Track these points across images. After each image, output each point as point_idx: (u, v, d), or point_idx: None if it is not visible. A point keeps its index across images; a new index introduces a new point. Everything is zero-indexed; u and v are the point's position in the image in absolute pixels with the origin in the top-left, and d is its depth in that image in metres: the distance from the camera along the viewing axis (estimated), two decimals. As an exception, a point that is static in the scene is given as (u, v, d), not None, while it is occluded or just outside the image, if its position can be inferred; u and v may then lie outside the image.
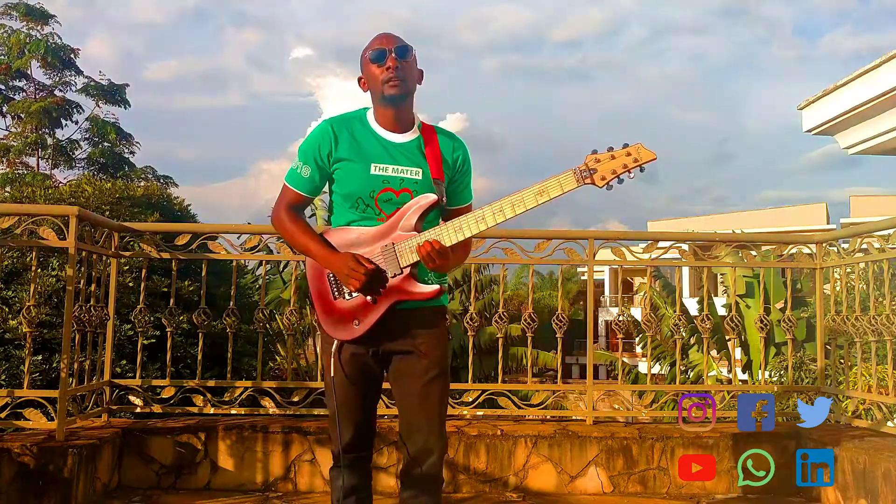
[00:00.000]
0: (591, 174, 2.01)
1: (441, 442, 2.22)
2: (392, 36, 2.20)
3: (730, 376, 9.09)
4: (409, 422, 2.24)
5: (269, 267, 4.26)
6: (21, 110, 16.84)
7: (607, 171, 2.00)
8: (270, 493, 3.52)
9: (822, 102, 5.56)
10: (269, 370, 7.16)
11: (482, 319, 12.67)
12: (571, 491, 3.60)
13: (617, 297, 36.61)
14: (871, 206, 24.80)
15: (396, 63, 2.14)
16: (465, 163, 2.27)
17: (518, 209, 2.05)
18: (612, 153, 2.00)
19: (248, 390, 3.77)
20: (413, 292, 2.13)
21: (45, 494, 3.02)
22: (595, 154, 2.02)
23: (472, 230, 2.08)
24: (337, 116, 2.25)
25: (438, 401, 2.22)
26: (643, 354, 20.14)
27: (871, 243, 3.65)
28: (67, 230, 3.28)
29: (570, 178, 2.02)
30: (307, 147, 2.21)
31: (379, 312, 2.14)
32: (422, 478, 2.21)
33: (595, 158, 2.01)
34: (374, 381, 2.28)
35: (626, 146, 2.00)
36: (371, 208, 2.16)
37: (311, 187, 2.23)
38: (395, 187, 2.15)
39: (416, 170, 2.17)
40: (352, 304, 2.16)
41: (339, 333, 2.19)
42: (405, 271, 2.12)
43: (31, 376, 3.39)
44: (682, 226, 32.49)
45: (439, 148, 2.22)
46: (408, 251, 2.10)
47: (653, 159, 2.00)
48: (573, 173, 2.02)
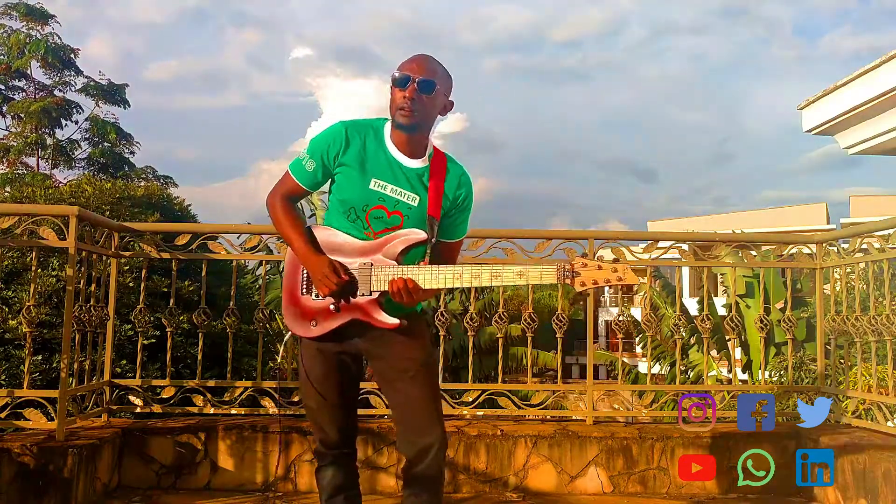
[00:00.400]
0: (573, 276, 2.04)
1: (435, 437, 2.19)
2: (424, 64, 2.16)
3: (730, 376, 9.09)
4: (399, 423, 2.25)
5: (269, 267, 4.26)
6: (21, 110, 16.84)
7: (588, 279, 2.03)
8: (270, 493, 3.52)
9: (822, 102, 5.56)
10: (269, 370, 7.14)
11: (482, 319, 12.65)
12: (571, 491, 3.60)
13: (617, 297, 36.59)
14: (871, 206, 24.79)
15: (415, 95, 2.12)
16: (466, 199, 2.27)
17: (495, 282, 2.09)
18: (600, 264, 2.04)
19: (248, 390, 3.77)
20: (374, 318, 2.15)
21: (45, 494, 3.02)
22: (584, 258, 2.06)
23: (447, 283, 2.10)
24: (355, 121, 2.24)
25: (424, 397, 2.21)
26: (643, 354, 20.14)
27: (871, 243, 3.65)
28: (67, 230, 3.28)
29: (553, 274, 2.05)
30: (317, 143, 2.21)
31: (336, 322, 2.17)
32: (420, 476, 2.22)
33: (583, 263, 2.04)
34: (348, 377, 2.28)
35: (616, 261, 2.04)
36: (360, 221, 2.17)
37: (312, 182, 2.24)
38: (389, 207, 2.16)
39: (414, 196, 2.17)
40: (315, 305, 2.19)
41: (294, 327, 2.23)
42: (374, 295, 2.13)
43: (31, 376, 3.39)
44: (682, 226, 32.48)
45: (444, 182, 2.21)
46: (382, 278, 2.12)
47: (634, 285, 2.09)
48: (556, 270, 2.05)
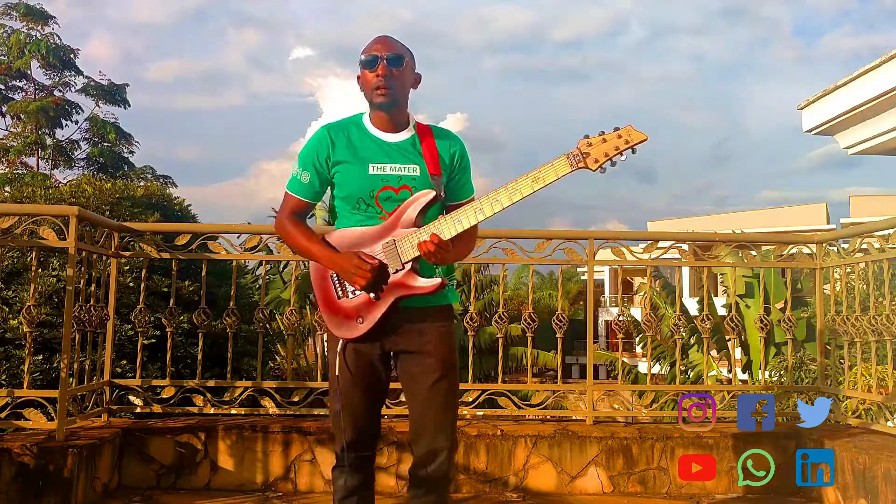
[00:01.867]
0: (584, 158, 2.03)
1: (448, 442, 2.22)
2: (387, 41, 2.21)
3: (730, 376, 9.08)
4: (416, 422, 2.25)
5: (269, 267, 4.26)
6: (21, 110, 16.84)
7: (600, 154, 2.02)
8: (270, 493, 3.52)
9: (822, 102, 5.55)
10: (269, 370, 7.16)
11: (482, 319, 12.68)
12: (571, 491, 3.60)
13: (617, 297, 36.60)
14: (871, 206, 24.79)
15: (387, 71, 2.16)
16: (462, 158, 2.29)
17: (514, 197, 2.07)
18: (604, 136, 2.03)
19: (248, 390, 3.77)
20: (415, 287, 2.14)
21: (45, 494, 3.02)
22: (587, 138, 2.04)
23: (470, 221, 2.10)
24: (334, 122, 2.28)
25: (444, 401, 2.22)
26: (643, 354, 20.14)
27: (871, 243, 3.65)
28: (67, 230, 3.28)
29: (564, 162, 2.04)
30: (306, 154, 2.24)
31: (382, 309, 2.16)
32: (428, 478, 2.23)
33: (587, 143, 2.03)
34: (379, 381, 2.28)
35: (616, 129, 2.03)
36: (372, 208, 2.19)
37: (312, 193, 2.26)
38: (394, 185, 2.17)
39: (413, 166, 2.19)
40: (355, 303, 2.18)
41: (343, 332, 2.21)
42: (406, 266, 2.14)
43: (32, 376, 3.39)
44: (682, 226, 32.47)
45: (435, 145, 2.24)
46: (409, 246, 2.12)
47: (643, 140, 2.02)
48: (566, 158, 2.04)
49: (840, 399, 3.84)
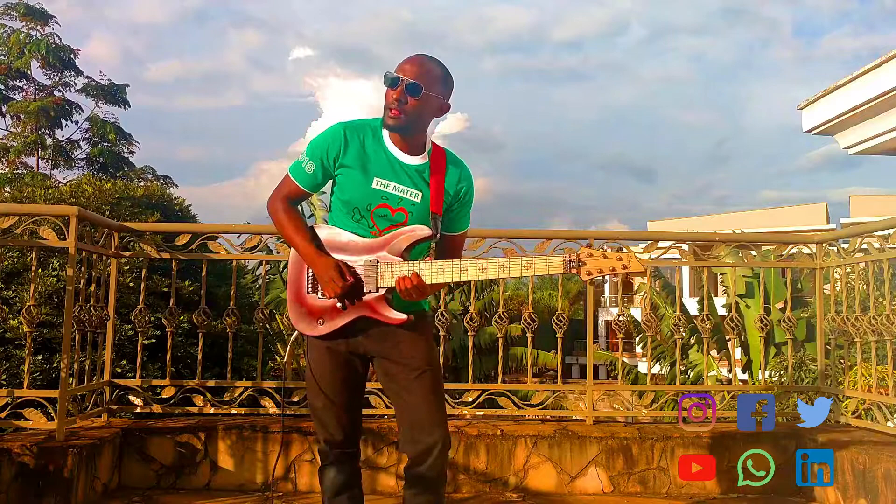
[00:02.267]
0: (580, 266, 2.07)
1: (441, 437, 2.20)
2: (418, 64, 2.14)
3: (730, 376, 9.08)
4: (404, 422, 2.25)
5: (269, 267, 4.25)
6: (21, 110, 16.86)
7: (594, 268, 2.06)
8: (270, 493, 3.51)
9: (822, 102, 5.55)
10: (269, 370, 7.16)
11: (482, 319, 12.66)
12: (571, 491, 3.60)
13: (617, 297, 36.60)
14: (871, 206, 24.82)
15: (401, 96, 2.10)
16: (467, 194, 2.28)
17: (502, 273, 2.12)
18: (605, 253, 2.07)
19: (248, 390, 3.77)
20: (382, 314, 2.17)
21: (45, 494, 3.02)
22: (589, 248, 2.09)
23: (454, 277, 2.12)
24: (352, 122, 2.24)
25: (428, 397, 2.22)
26: (643, 354, 20.13)
27: (871, 243, 3.65)
28: (67, 230, 3.28)
29: (559, 264, 2.08)
30: (316, 145, 2.22)
31: (344, 320, 2.19)
32: (422, 477, 2.23)
33: (588, 252, 2.07)
34: (355, 377, 2.29)
35: (620, 250, 2.11)
36: (365, 220, 2.19)
37: (312, 184, 2.25)
38: (393, 205, 2.18)
39: (416, 192, 2.19)
40: (321, 304, 2.20)
41: (301, 326, 2.25)
42: (380, 292, 2.16)
43: (32, 376, 3.39)
44: (682, 226, 32.50)
45: (444, 178, 2.22)
46: (388, 275, 2.14)
47: (640, 273, 2.10)
48: (563, 260, 2.08)
49: (840, 399, 3.84)
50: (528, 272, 2.10)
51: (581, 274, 2.06)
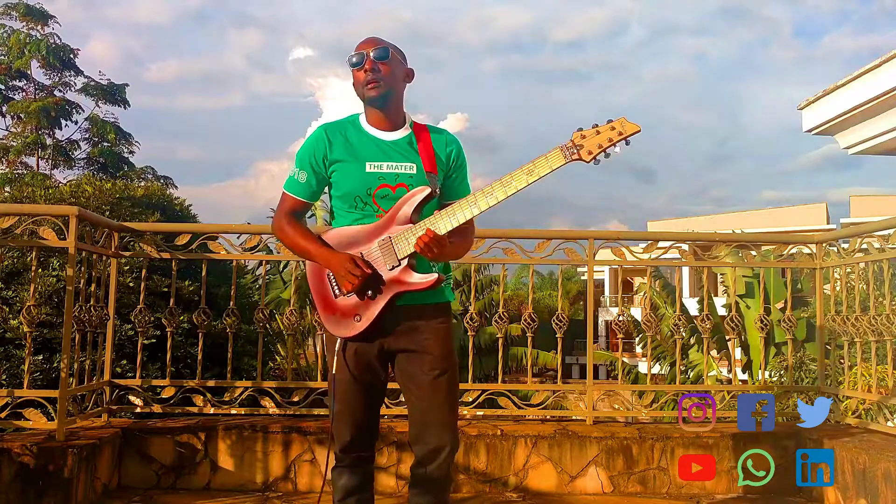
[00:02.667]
0: (578, 150, 2.05)
1: (451, 440, 2.22)
2: (372, 39, 2.24)
3: (730, 376, 9.08)
4: (418, 420, 2.25)
5: (269, 267, 4.25)
6: (21, 110, 16.85)
7: (593, 145, 2.04)
8: (270, 493, 3.52)
9: (822, 102, 5.55)
10: (269, 370, 7.15)
11: (482, 319, 12.66)
12: (571, 491, 3.60)
13: (617, 297, 36.60)
14: (871, 206, 24.82)
15: (373, 65, 2.18)
16: (458, 157, 2.30)
17: (509, 190, 2.08)
18: (598, 129, 2.05)
19: (248, 390, 3.77)
20: (411, 283, 2.15)
21: (45, 494, 3.02)
22: (581, 131, 2.06)
23: (465, 215, 2.11)
24: (330, 122, 2.30)
25: (444, 400, 2.22)
26: (643, 354, 20.14)
27: (871, 243, 3.65)
28: (67, 230, 3.28)
29: (558, 154, 2.06)
30: (303, 153, 2.26)
31: (379, 306, 2.16)
32: (427, 478, 2.23)
33: (581, 135, 2.06)
34: (377, 381, 2.28)
35: (610, 121, 2.06)
36: (370, 206, 2.20)
37: (309, 192, 2.27)
38: (391, 183, 2.19)
39: (409, 164, 2.21)
40: (353, 301, 2.19)
41: (341, 331, 2.21)
42: (403, 263, 2.14)
43: (32, 376, 3.39)
44: (682, 226, 32.49)
45: (431, 144, 2.25)
46: (405, 243, 2.13)
47: (637, 131, 2.05)
48: (560, 150, 2.06)
49: (840, 399, 3.84)
50: (533, 177, 2.06)
51: (583, 156, 2.04)
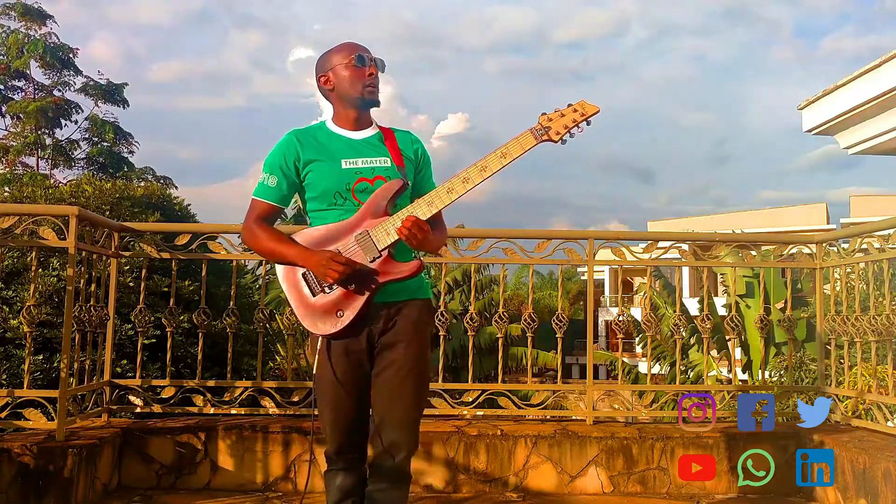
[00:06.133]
0: (547, 131, 2.18)
1: (409, 441, 2.24)
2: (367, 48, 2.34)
3: (730, 376, 9.08)
4: (382, 415, 2.24)
5: (269, 267, 4.24)
6: (20, 110, 16.86)
7: (560, 126, 2.17)
8: (270, 493, 3.52)
9: (822, 102, 5.55)
10: (269, 370, 7.16)
11: (482, 319, 12.67)
12: (571, 491, 3.60)
13: (617, 297, 36.60)
14: (871, 206, 24.83)
15: (377, 72, 2.30)
16: (424, 154, 2.40)
17: (485, 174, 2.17)
18: (561, 112, 2.18)
19: (248, 390, 3.77)
20: (395, 272, 2.18)
21: (45, 494, 3.02)
22: (546, 114, 2.19)
23: (443, 200, 2.17)
24: (298, 129, 2.35)
25: (410, 399, 2.24)
26: (643, 354, 20.14)
27: (871, 243, 3.65)
28: (67, 230, 3.28)
29: (529, 136, 2.18)
30: (272, 159, 2.28)
31: (363, 299, 2.17)
32: (392, 471, 2.24)
33: (547, 118, 2.19)
34: (365, 378, 2.27)
35: (570, 105, 2.19)
36: (349, 201, 2.22)
37: (279, 196, 2.28)
38: (369, 176, 2.24)
39: (382, 158, 2.27)
40: (334, 297, 2.19)
41: (323, 328, 2.20)
42: (383, 254, 2.17)
43: (32, 376, 3.39)
44: (682, 226, 32.51)
45: (397, 142, 2.33)
46: (383, 234, 2.16)
47: (596, 112, 2.20)
48: (530, 132, 2.18)
49: (840, 399, 3.84)
50: (507, 159, 2.16)
51: (552, 136, 2.16)
